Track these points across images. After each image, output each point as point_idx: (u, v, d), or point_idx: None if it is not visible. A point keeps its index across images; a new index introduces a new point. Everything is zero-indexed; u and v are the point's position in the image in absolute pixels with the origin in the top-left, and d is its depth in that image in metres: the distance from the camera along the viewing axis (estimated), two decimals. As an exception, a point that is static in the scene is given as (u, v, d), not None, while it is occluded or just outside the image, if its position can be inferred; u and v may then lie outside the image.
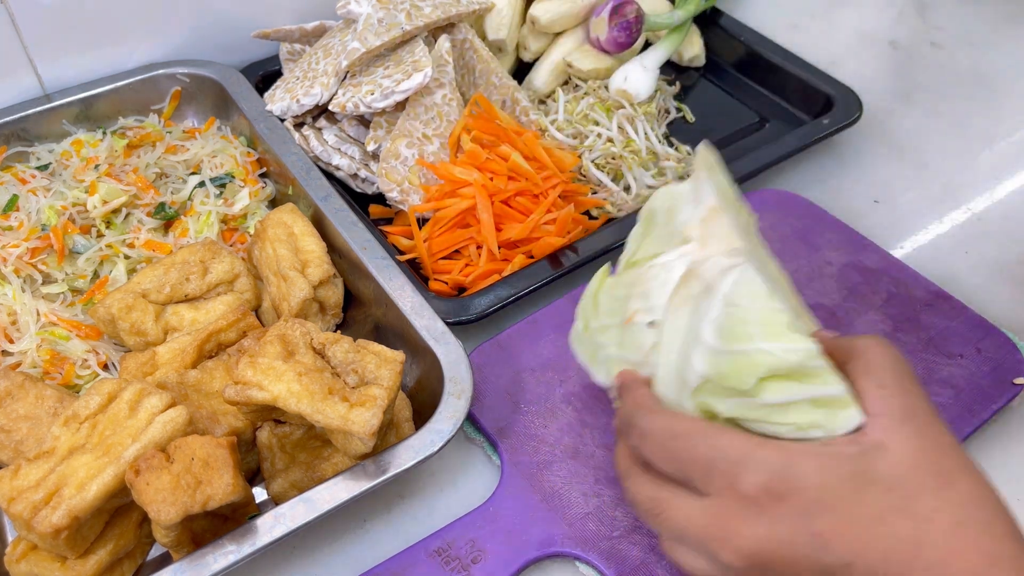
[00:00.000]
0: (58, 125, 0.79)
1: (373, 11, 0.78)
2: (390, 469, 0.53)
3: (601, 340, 0.54)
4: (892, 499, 0.40)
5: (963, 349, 0.67)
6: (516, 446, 0.61)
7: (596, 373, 0.55)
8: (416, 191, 0.76)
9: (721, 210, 0.50)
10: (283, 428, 0.58)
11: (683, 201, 0.53)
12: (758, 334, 0.44)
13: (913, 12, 1.12)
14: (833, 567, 0.39)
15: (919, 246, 0.81)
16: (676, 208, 0.53)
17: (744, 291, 0.45)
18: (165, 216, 0.73)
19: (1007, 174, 0.89)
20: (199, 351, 0.61)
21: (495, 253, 0.72)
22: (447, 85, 0.78)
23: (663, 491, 0.45)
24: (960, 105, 0.97)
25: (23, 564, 0.51)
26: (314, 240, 0.68)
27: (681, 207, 0.52)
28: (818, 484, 0.40)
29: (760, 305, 0.45)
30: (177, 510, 0.47)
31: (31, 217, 0.70)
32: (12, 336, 0.65)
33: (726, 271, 0.47)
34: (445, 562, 0.55)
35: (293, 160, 0.74)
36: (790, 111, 0.93)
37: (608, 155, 0.82)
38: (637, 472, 0.47)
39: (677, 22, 0.92)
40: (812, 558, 0.40)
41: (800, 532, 0.40)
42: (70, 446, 0.50)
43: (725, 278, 0.47)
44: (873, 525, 0.39)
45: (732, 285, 0.46)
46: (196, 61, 0.84)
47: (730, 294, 0.46)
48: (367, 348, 0.55)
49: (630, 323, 0.51)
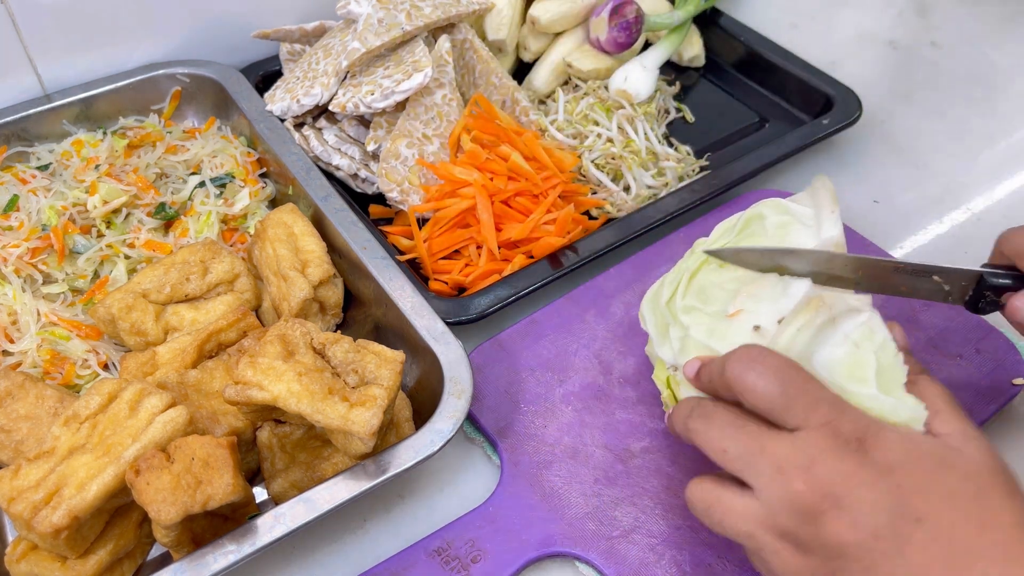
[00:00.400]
0: (58, 125, 0.79)
1: (373, 11, 0.78)
2: (390, 469, 0.54)
3: (685, 320, 0.54)
4: (966, 486, 0.43)
5: (962, 349, 0.67)
6: (516, 446, 0.61)
7: (660, 345, 0.55)
8: (416, 191, 0.76)
9: (843, 247, 0.53)
10: (283, 428, 0.58)
11: (800, 222, 0.54)
12: (874, 382, 0.46)
13: (913, 12, 1.12)
14: (905, 517, 0.42)
15: (919, 246, 0.81)
16: (790, 225, 0.54)
17: (869, 337, 0.48)
18: (165, 216, 0.73)
19: (1007, 174, 0.89)
20: (199, 351, 0.61)
21: (495, 253, 0.72)
22: (447, 85, 0.78)
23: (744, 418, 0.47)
24: (960, 105, 0.97)
25: (23, 564, 0.51)
26: (314, 240, 0.68)
27: (796, 226, 0.54)
28: (903, 450, 0.43)
29: (883, 356, 0.47)
30: (177, 510, 0.47)
31: (31, 217, 0.70)
32: (12, 336, 0.65)
33: (853, 312, 0.49)
34: (445, 562, 0.55)
35: (293, 160, 0.74)
36: (790, 111, 0.93)
37: (608, 155, 0.82)
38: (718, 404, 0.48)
39: (677, 22, 0.92)
40: (886, 502, 0.42)
41: (882, 479, 0.42)
42: (70, 446, 0.50)
43: (851, 318, 0.49)
44: (947, 498, 0.42)
45: (859, 327, 0.48)
46: (196, 61, 0.84)
47: (855, 336, 0.48)
48: (367, 348, 0.55)
49: (734, 318, 0.51)
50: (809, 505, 0.43)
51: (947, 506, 0.42)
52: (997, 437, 0.65)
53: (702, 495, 0.48)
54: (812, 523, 0.43)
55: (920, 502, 0.42)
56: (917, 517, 0.42)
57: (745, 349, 0.47)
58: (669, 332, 0.55)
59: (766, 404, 0.45)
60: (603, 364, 0.67)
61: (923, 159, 0.91)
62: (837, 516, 0.42)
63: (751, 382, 0.46)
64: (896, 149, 0.92)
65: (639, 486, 0.59)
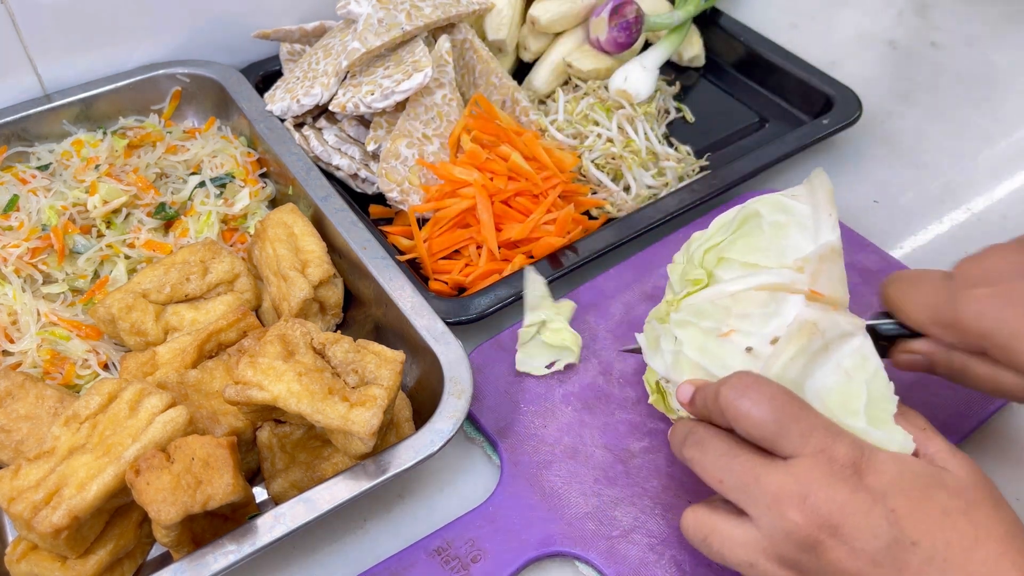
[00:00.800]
0: (58, 125, 0.79)
1: (373, 11, 0.78)
2: (390, 469, 0.54)
3: (678, 333, 0.53)
4: (957, 503, 0.44)
5: (962, 349, 0.67)
6: (516, 446, 0.61)
7: (651, 356, 0.55)
8: (416, 191, 0.76)
9: (840, 253, 0.52)
10: (283, 428, 0.58)
11: (798, 221, 0.53)
12: (864, 414, 0.47)
13: (913, 12, 1.12)
14: (900, 541, 0.43)
15: (918, 246, 0.81)
16: (787, 226, 0.53)
17: (862, 365, 0.48)
18: (165, 216, 0.73)
19: (1007, 174, 0.89)
20: (199, 351, 0.61)
21: (495, 253, 0.72)
22: (447, 85, 0.78)
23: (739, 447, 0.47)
24: (960, 105, 0.97)
25: (23, 564, 0.51)
26: (314, 240, 0.68)
27: (794, 228, 0.53)
28: (896, 472, 0.44)
29: (873, 387, 0.48)
30: (177, 510, 0.47)
31: (31, 217, 0.70)
32: (12, 336, 0.65)
33: (846, 337, 0.49)
34: (445, 561, 0.55)
35: (293, 160, 0.74)
36: (790, 111, 0.93)
37: (608, 155, 0.82)
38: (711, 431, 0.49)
39: (677, 22, 0.92)
40: (881, 529, 0.43)
41: (876, 505, 0.43)
42: (70, 446, 0.50)
43: (845, 343, 0.49)
44: (940, 517, 0.43)
45: (851, 355, 0.48)
46: (196, 61, 0.84)
47: (848, 364, 0.48)
48: (367, 348, 0.55)
49: (726, 339, 0.51)
50: (807, 535, 0.43)
51: (940, 525, 0.43)
52: (996, 437, 0.65)
53: (698, 525, 0.49)
54: (812, 552, 0.43)
55: (914, 525, 0.43)
56: (913, 540, 0.42)
57: (739, 376, 0.47)
58: (660, 344, 0.55)
59: (760, 432, 0.46)
60: (603, 364, 0.67)
61: (923, 159, 0.91)
62: (835, 545, 0.43)
63: (745, 410, 0.46)
64: (896, 149, 0.92)
65: (639, 486, 0.59)
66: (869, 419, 0.47)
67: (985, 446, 0.64)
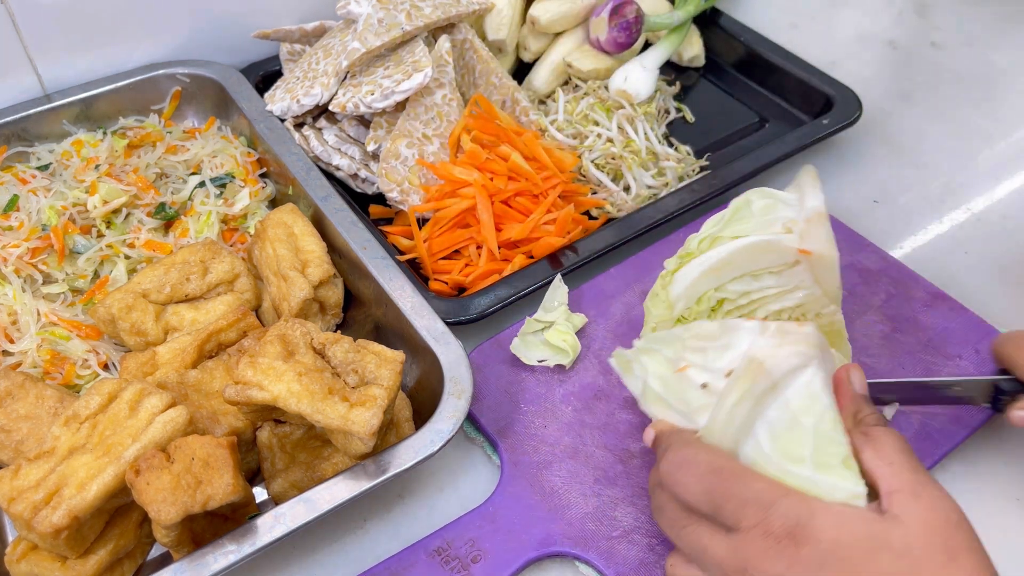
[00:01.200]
0: (58, 125, 0.79)
1: (373, 11, 0.78)
2: (390, 469, 0.54)
3: (644, 361, 0.53)
4: (900, 565, 0.42)
5: (961, 350, 0.67)
6: (516, 446, 0.61)
7: (628, 380, 0.55)
8: (416, 191, 0.76)
9: (826, 217, 0.53)
10: (283, 428, 0.58)
11: (784, 203, 0.56)
12: (811, 460, 0.46)
13: (913, 12, 1.12)
14: None
15: (918, 246, 0.81)
16: (775, 207, 0.56)
17: (810, 406, 0.46)
18: (165, 216, 0.73)
19: (1006, 174, 0.89)
20: (199, 351, 0.61)
21: (495, 253, 0.72)
22: (447, 85, 0.78)
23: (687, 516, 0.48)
24: (960, 105, 0.97)
25: (23, 564, 0.51)
26: (314, 240, 0.68)
27: (780, 207, 0.55)
28: (834, 538, 0.43)
29: (821, 428, 0.46)
30: (177, 510, 0.47)
31: (31, 217, 0.70)
32: (12, 336, 0.65)
33: (795, 372, 0.47)
34: (445, 562, 0.55)
35: (293, 160, 0.74)
36: (790, 111, 0.93)
37: (608, 155, 0.82)
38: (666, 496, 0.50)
39: (677, 22, 0.92)
40: None
41: None
42: (70, 446, 0.50)
43: (793, 381, 0.47)
44: None
45: (799, 394, 0.47)
46: (196, 61, 0.84)
47: (795, 405, 0.47)
48: (367, 348, 0.55)
49: (682, 374, 0.51)
50: None
51: None
52: (995, 438, 0.65)
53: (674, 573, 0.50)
54: None
55: None
56: None
57: (676, 450, 0.48)
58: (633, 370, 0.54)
59: (697, 507, 0.47)
60: (603, 364, 0.67)
61: (923, 159, 0.91)
62: None
63: (681, 485, 0.48)
64: (896, 149, 0.92)
65: (639, 486, 0.59)
66: (816, 465, 0.45)
67: (984, 447, 0.64)
